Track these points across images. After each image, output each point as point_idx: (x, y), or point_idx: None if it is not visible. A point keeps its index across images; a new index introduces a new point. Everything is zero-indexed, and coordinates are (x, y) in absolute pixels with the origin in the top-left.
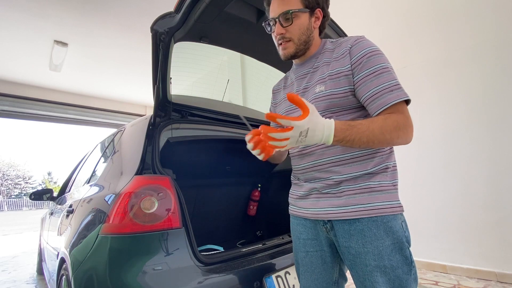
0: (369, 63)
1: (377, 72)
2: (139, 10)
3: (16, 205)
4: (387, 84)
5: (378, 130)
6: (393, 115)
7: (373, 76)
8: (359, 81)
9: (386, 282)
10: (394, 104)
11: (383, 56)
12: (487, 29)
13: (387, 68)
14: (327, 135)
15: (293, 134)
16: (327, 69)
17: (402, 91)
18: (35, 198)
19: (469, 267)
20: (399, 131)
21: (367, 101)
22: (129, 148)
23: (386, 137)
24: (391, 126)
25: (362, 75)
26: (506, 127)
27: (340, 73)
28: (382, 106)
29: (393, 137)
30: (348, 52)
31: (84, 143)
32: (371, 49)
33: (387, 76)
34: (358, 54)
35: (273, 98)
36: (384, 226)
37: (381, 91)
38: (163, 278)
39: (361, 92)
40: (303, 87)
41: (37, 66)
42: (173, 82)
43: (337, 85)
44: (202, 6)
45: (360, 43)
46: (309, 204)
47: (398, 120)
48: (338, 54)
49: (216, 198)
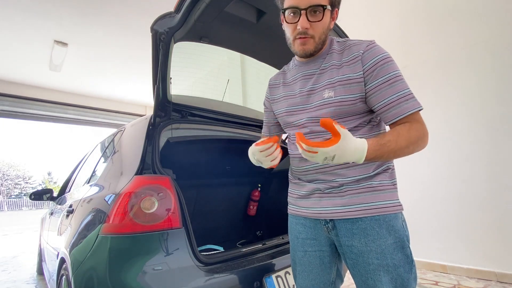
0: (382, 71)
1: (391, 81)
2: (139, 10)
3: (16, 205)
4: (401, 93)
5: (404, 144)
6: (415, 125)
7: (387, 85)
8: (372, 89)
9: (389, 280)
10: (411, 113)
11: (395, 63)
12: (487, 29)
13: (400, 76)
14: (358, 158)
15: (317, 158)
16: (337, 73)
17: (416, 101)
18: (35, 198)
19: (469, 267)
20: (420, 141)
21: (382, 109)
22: (129, 148)
23: (410, 149)
24: (415, 137)
25: (376, 83)
26: (506, 127)
27: (352, 80)
28: (399, 115)
29: (416, 147)
30: (360, 58)
31: (84, 143)
32: (384, 55)
33: (401, 85)
34: (371, 61)
35: (270, 92)
36: (387, 225)
37: (396, 100)
38: (163, 278)
39: (375, 100)
40: (309, 88)
41: (37, 66)
42: (173, 82)
43: (347, 91)
44: (202, 6)
45: (372, 49)
46: (311, 203)
47: (418, 129)
48: (348, 59)
49: (216, 198)
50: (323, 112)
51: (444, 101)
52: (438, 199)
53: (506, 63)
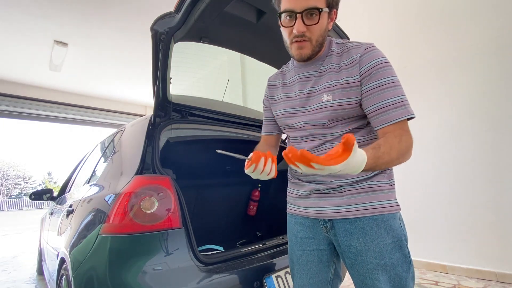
0: (377, 75)
1: (384, 86)
2: (139, 10)
3: (16, 205)
4: (392, 100)
5: (395, 156)
6: (403, 137)
7: (379, 90)
8: (365, 92)
9: (387, 280)
10: (398, 121)
11: (392, 69)
12: (488, 29)
13: (395, 83)
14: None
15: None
16: (335, 77)
17: (406, 109)
18: (35, 198)
19: (469, 267)
20: (407, 154)
21: (371, 114)
22: (129, 148)
23: (399, 161)
24: (405, 149)
25: (369, 87)
26: (507, 127)
27: (350, 84)
28: (385, 122)
29: (403, 159)
30: (358, 62)
31: (84, 143)
32: (381, 60)
33: (393, 91)
34: (367, 65)
35: (269, 92)
36: (385, 225)
37: (385, 107)
38: (163, 278)
39: (366, 104)
40: (308, 91)
41: (37, 66)
42: (173, 82)
43: (345, 95)
44: (202, 6)
45: (370, 53)
46: (310, 203)
47: (406, 140)
48: (347, 62)
49: (216, 198)
50: (322, 115)
51: (445, 101)
52: (438, 199)
53: (506, 64)
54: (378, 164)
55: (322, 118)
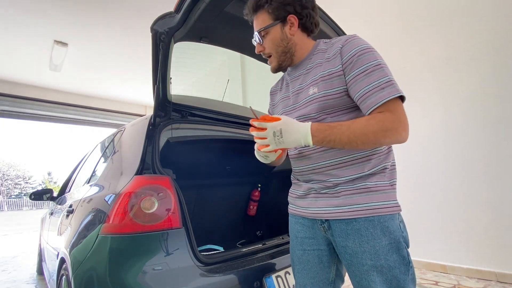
0: (359, 62)
1: (368, 70)
2: (139, 10)
3: (16, 205)
4: (377, 82)
5: (359, 130)
6: (379, 115)
7: (364, 75)
8: (350, 81)
9: (383, 281)
10: (386, 102)
11: (375, 53)
12: (487, 29)
13: (379, 65)
14: (304, 134)
15: (267, 134)
16: (319, 70)
17: (394, 88)
18: (35, 198)
19: (469, 267)
20: (387, 132)
21: (359, 100)
22: (129, 148)
23: (370, 138)
24: (375, 126)
25: (353, 75)
26: (506, 127)
27: (332, 74)
28: (373, 105)
29: (379, 137)
30: (339, 52)
31: (84, 143)
32: (362, 47)
33: (378, 74)
34: (348, 54)
35: (271, 99)
36: (381, 226)
37: (371, 90)
38: (163, 278)
39: (353, 92)
40: (297, 88)
41: (37, 66)
42: (173, 82)
43: (330, 86)
44: (202, 6)
45: (350, 42)
46: (307, 203)
47: (384, 120)
48: (330, 55)
49: (216, 198)
50: (310, 108)
51: (444, 101)
52: (438, 199)
53: (507, 64)
54: (331, 133)
55: (310, 111)
